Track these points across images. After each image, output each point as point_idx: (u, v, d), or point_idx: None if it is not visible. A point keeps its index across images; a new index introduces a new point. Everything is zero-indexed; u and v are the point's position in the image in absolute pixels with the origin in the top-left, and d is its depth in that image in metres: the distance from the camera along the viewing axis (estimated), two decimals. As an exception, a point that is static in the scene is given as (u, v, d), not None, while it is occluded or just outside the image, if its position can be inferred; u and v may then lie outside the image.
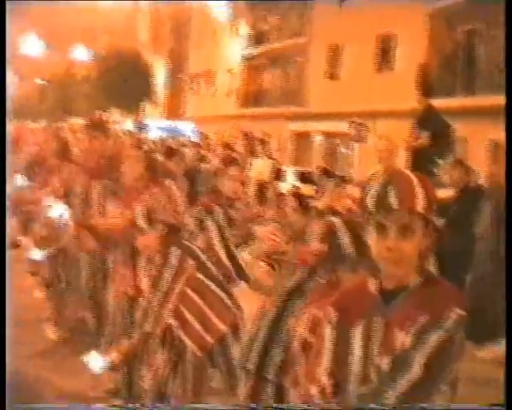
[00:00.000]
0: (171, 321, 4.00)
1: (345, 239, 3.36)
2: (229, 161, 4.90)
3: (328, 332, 2.34)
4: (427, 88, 9.31)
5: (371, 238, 2.22)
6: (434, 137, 8.36)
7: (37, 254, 5.95)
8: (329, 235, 3.56)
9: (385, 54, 25.16)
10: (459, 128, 16.37)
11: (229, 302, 4.18)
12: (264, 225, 6.95)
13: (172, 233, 4.06)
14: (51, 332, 6.33)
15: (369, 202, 2.22)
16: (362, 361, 2.24)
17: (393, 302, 2.21)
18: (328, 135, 29.14)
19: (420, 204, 2.19)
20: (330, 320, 2.33)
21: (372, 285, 2.27)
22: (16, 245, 10.00)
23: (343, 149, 27.96)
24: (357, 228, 3.47)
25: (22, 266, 8.27)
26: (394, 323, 2.19)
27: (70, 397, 5.03)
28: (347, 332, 2.28)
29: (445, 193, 7.54)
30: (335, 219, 3.49)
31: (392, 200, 2.17)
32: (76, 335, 6.26)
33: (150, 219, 3.95)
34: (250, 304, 4.68)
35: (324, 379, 2.31)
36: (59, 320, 6.30)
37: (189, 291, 3.97)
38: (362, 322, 2.25)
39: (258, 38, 34.39)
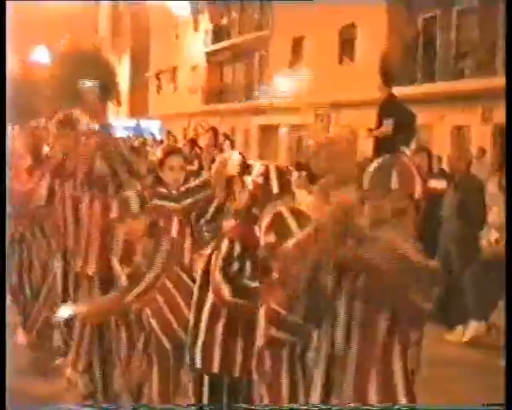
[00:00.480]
0: (147, 311, 4.06)
1: (293, 226, 3.34)
2: (168, 151, 4.92)
3: None
4: (389, 77, 9.39)
5: (363, 216, 2.28)
6: (397, 125, 8.44)
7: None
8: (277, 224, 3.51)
9: (346, 45, 25.29)
10: (424, 115, 16.53)
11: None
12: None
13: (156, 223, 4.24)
14: (21, 337, 6.27)
15: (366, 180, 2.27)
16: None
17: None
18: (293, 127, 29.22)
19: (418, 191, 2.25)
20: None
21: None
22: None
23: (309, 141, 28.04)
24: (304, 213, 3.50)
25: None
26: None
27: (45, 402, 5.00)
28: None
29: (438, 184, 7.66)
30: (282, 208, 3.48)
31: (393, 181, 2.24)
32: (46, 339, 6.22)
33: (142, 205, 4.10)
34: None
35: None
36: (27, 325, 6.24)
37: (167, 281, 4.06)
38: None
39: (219, 33, 34.32)
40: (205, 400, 3.62)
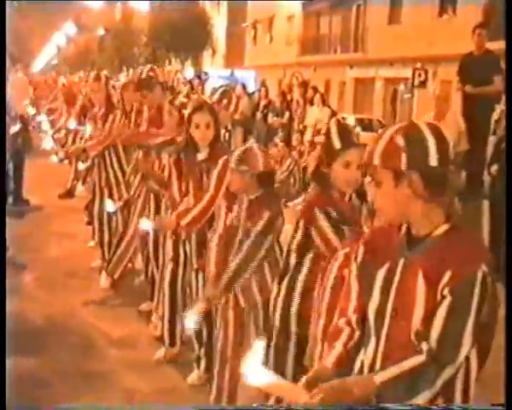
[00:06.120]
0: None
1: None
2: (195, 108, 4.42)
3: (354, 270, 2.43)
4: (488, 31, 9.04)
5: None
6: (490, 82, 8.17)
7: (110, 207, 6.03)
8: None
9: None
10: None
11: None
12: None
13: None
14: (103, 280, 6.45)
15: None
16: (379, 304, 2.31)
17: (417, 249, 2.24)
18: (389, 81, 28.60)
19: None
20: (358, 258, 2.41)
21: (402, 229, 2.30)
22: (72, 195, 10.23)
23: (405, 96, 27.42)
24: None
25: (77, 216, 8.47)
26: (416, 269, 2.21)
27: (116, 344, 5.15)
28: (372, 272, 2.33)
29: None
30: None
31: None
32: (127, 283, 6.40)
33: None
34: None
35: (351, 313, 2.43)
36: (110, 269, 6.40)
37: None
38: (386, 264, 2.30)
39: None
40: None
